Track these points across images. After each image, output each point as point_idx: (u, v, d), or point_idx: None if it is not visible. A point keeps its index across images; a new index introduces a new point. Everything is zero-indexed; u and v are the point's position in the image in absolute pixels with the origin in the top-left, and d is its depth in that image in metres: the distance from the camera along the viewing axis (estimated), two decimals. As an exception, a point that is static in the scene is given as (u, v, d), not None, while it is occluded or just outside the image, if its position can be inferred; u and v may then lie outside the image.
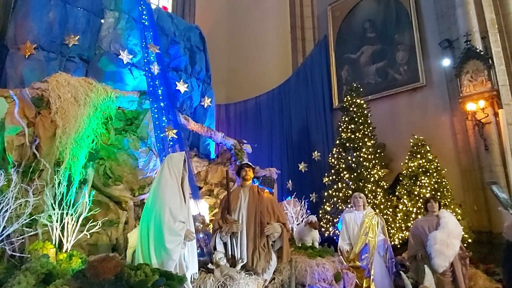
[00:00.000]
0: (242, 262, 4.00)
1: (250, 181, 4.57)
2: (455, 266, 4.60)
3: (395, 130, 8.30)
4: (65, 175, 4.15)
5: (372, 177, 7.32)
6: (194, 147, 7.63)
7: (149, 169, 5.84)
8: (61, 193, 3.93)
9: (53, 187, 4.01)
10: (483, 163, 6.60)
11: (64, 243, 3.78)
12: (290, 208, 6.12)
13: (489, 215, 6.48)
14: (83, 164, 4.60)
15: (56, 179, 4.00)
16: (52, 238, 3.77)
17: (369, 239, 5.31)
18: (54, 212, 3.80)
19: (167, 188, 3.62)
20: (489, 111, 6.57)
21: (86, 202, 4.09)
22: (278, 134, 10.03)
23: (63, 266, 3.50)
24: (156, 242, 3.44)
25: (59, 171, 4.19)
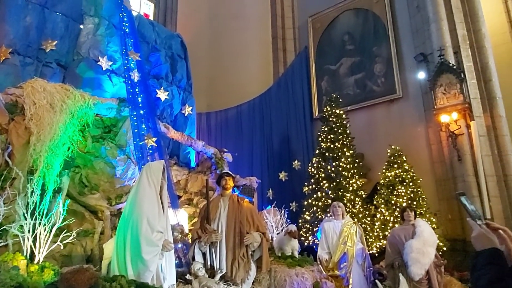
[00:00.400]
0: (221, 273, 3.96)
1: (230, 190, 4.55)
2: (430, 274, 4.69)
3: (373, 140, 8.48)
4: (38, 184, 4.02)
5: (350, 187, 7.43)
6: (174, 156, 7.55)
7: (127, 177, 5.73)
8: (33, 202, 3.80)
9: (26, 196, 3.87)
10: (456, 173, 6.82)
11: (36, 254, 3.64)
12: (270, 217, 6.11)
13: (463, 224, 6.68)
14: (58, 173, 4.47)
15: (29, 188, 3.87)
16: (23, 249, 3.62)
17: (347, 248, 5.36)
18: (26, 222, 3.66)
19: (145, 197, 3.56)
20: (461, 123, 6.82)
21: (60, 212, 3.96)
22: (259, 143, 10.07)
23: (34, 278, 3.37)
24: (133, 253, 3.37)
25: (32, 179, 4.06)
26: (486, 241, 1.12)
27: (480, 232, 1.16)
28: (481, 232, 1.15)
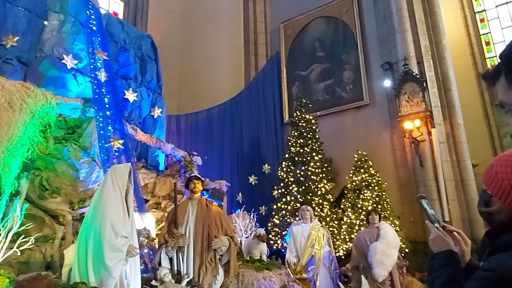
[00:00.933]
0: (188, 278, 3.90)
1: (198, 194, 4.50)
2: (393, 275, 4.85)
3: (341, 145, 8.69)
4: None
5: (319, 191, 7.57)
6: (142, 158, 7.37)
7: (91, 180, 5.54)
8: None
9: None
10: (418, 177, 7.12)
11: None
12: (239, 221, 6.10)
13: (424, 226, 6.95)
14: (16, 175, 4.25)
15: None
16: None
17: (315, 251, 5.43)
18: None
19: (109, 201, 3.46)
20: (423, 130, 7.14)
21: (18, 216, 3.76)
22: (229, 147, 10.06)
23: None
24: (95, 259, 3.25)
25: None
26: (442, 243, 1.17)
27: (437, 235, 1.20)
28: (438, 235, 1.20)
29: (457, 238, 1.23)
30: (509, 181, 0.98)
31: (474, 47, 10.16)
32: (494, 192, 1.03)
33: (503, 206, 1.00)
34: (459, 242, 1.22)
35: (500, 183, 1.01)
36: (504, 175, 1.00)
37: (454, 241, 1.22)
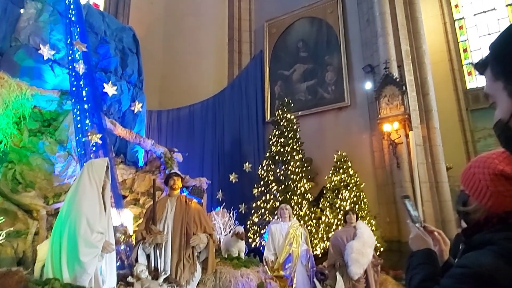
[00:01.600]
0: (165, 275, 3.87)
1: (178, 191, 4.47)
2: (368, 273, 4.97)
3: (322, 145, 8.80)
4: (-38, 179, 3.65)
5: (298, 190, 7.64)
6: (121, 154, 7.23)
7: (67, 175, 5.39)
8: (-45, 199, 3.44)
9: None
10: (395, 179, 7.30)
11: (-44, 257, 3.29)
12: (218, 219, 6.09)
13: (399, 226, 7.16)
14: (-14, 168, 4.09)
15: (-49, 184, 3.49)
16: None
17: (293, 249, 5.49)
18: None
19: (85, 196, 3.39)
20: (401, 132, 7.32)
21: (-13, 211, 3.63)
22: (211, 144, 10.02)
23: (-48, 283, 3.05)
24: (70, 255, 3.18)
25: (-44, 174, 3.67)
26: (421, 242, 1.21)
27: (417, 234, 1.24)
28: (418, 234, 1.24)
29: (437, 238, 1.27)
30: (485, 182, 1.02)
31: (452, 53, 10.48)
32: (471, 192, 1.07)
33: (479, 206, 1.04)
34: (438, 241, 1.26)
35: (477, 184, 1.04)
36: (481, 176, 1.04)
37: (434, 240, 1.26)
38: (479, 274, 0.88)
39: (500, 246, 0.90)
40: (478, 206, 1.05)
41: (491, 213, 1.00)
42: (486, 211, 1.02)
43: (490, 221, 0.99)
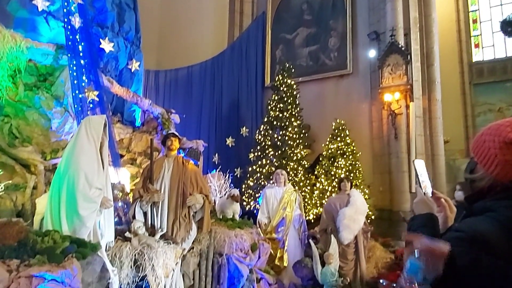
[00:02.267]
0: (161, 232, 3.96)
1: (175, 152, 4.48)
2: (358, 239, 5.13)
3: (320, 113, 8.75)
4: (-42, 131, 3.62)
5: (295, 156, 7.69)
6: (118, 113, 7.17)
7: (64, 131, 5.37)
8: (-48, 150, 3.43)
9: None
10: (391, 149, 7.34)
11: (-45, 206, 3.34)
12: (214, 181, 6.16)
13: (391, 196, 7.30)
14: (-18, 121, 4.05)
15: None
16: None
17: (286, 214, 5.63)
18: None
19: (83, 152, 3.39)
20: (402, 103, 7.26)
21: (-15, 163, 3.63)
22: (208, 107, 9.92)
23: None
24: (69, 209, 3.24)
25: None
26: (424, 206, 1.23)
27: (422, 198, 1.26)
28: (422, 198, 1.25)
29: (444, 205, 1.28)
30: (494, 150, 1.02)
31: (461, 24, 10.19)
32: (479, 159, 1.07)
33: (486, 174, 1.05)
34: (444, 208, 1.27)
35: (486, 151, 1.04)
36: (491, 143, 1.03)
37: (440, 207, 1.27)
38: (474, 239, 0.89)
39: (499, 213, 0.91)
40: (485, 174, 1.05)
41: (496, 181, 1.01)
42: (492, 179, 1.03)
43: (493, 189, 1.00)
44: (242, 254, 4.37)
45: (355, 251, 5.13)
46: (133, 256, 3.52)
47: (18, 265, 2.52)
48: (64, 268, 2.63)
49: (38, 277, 2.49)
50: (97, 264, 3.11)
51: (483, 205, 0.97)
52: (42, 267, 2.54)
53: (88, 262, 3.00)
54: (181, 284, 3.95)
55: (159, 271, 3.49)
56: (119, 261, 3.47)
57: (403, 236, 6.63)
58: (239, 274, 4.22)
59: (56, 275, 2.55)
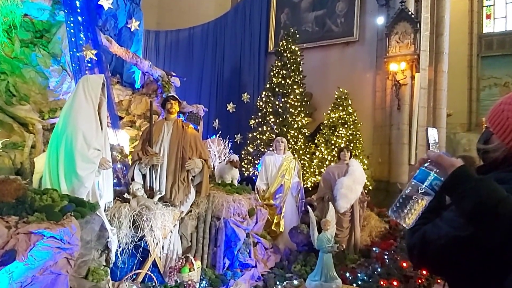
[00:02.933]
0: (160, 194, 3.99)
1: (175, 115, 4.43)
2: (354, 208, 5.20)
3: (323, 81, 8.59)
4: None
5: (296, 124, 7.63)
6: (117, 74, 7.03)
7: (62, 91, 5.28)
8: None
9: None
10: (393, 120, 7.27)
11: (-47, 162, 3.32)
12: (213, 147, 6.15)
13: (390, 167, 7.32)
14: (-23, 76, 3.95)
15: None
16: None
17: (284, 181, 5.67)
18: None
19: (81, 112, 3.34)
20: (407, 73, 7.10)
21: (-19, 120, 3.58)
22: (209, 71, 9.72)
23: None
24: (67, 168, 3.23)
25: None
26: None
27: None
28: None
29: None
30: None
31: (474, -9, 9.78)
32: (496, 129, 1.03)
33: (501, 145, 1.01)
34: None
35: (504, 121, 1.01)
36: (510, 113, 0.99)
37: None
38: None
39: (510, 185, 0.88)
40: (500, 144, 1.01)
41: (511, 153, 0.97)
42: (507, 150, 0.99)
43: (508, 160, 0.97)
44: (239, 219, 4.43)
45: (350, 220, 5.21)
46: (132, 217, 3.56)
47: (16, 222, 2.53)
48: (63, 226, 2.65)
49: (37, 234, 2.51)
50: (96, 224, 3.15)
51: (495, 177, 0.94)
52: (41, 224, 2.56)
53: (87, 221, 3.03)
54: (179, 246, 4.03)
55: (157, 232, 3.54)
56: (118, 222, 3.51)
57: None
58: (236, 237, 4.30)
59: (55, 233, 2.58)
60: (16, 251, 2.41)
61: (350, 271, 3.55)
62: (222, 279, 4.02)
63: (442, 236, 0.95)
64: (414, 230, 1.04)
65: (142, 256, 3.61)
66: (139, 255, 3.58)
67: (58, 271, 2.61)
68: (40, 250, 2.49)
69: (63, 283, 2.64)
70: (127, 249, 3.48)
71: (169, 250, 3.88)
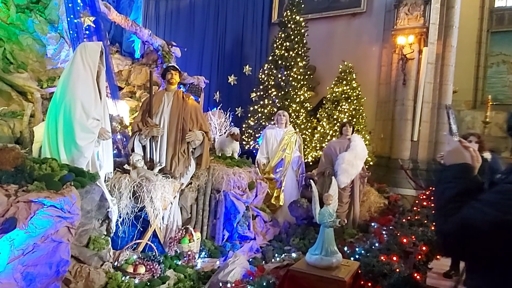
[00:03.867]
0: (160, 166, 3.98)
1: (175, 86, 4.35)
2: (354, 183, 5.20)
3: (328, 54, 8.38)
4: None
5: (298, 98, 7.52)
6: (116, 43, 6.89)
7: (60, 59, 5.18)
8: None
9: None
10: (398, 96, 7.14)
11: (-50, 130, 3.29)
12: (214, 119, 6.09)
13: (392, 143, 7.27)
14: (-28, 41, 3.84)
15: None
16: None
17: (285, 155, 5.64)
18: None
19: (79, 80, 3.27)
20: (415, 47, 6.89)
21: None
22: (211, 42, 9.47)
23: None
24: (66, 138, 3.20)
25: None
26: (459, 156, 1.13)
27: (457, 147, 1.15)
28: (458, 148, 1.15)
29: (472, 155, 1.18)
30: None
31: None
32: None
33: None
34: (472, 158, 1.18)
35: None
36: None
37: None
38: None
39: None
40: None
41: None
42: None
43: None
44: (239, 192, 4.44)
45: (350, 195, 5.22)
46: (132, 188, 3.56)
47: (16, 190, 2.52)
48: (63, 195, 2.65)
49: (37, 203, 2.51)
50: (96, 193, 3.15)
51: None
52: (41, 193, 2.55)
53: (87, 191, 3.03)
54: (179, 217, 4.06)
55: (157, 203, 3.55)
56: (118, 192, 3.52)
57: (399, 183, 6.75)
58: (235, 210, 4.33)
59: (55, 202, 2.57)
60: (16, 219, 2.41)
61: (348, 245, 3.58)
62: (221, 250, 4.08)
63: (488, 220, 0.89)
64: (446, 215, 0.98)
65: (142, 226, 3.64)
66: (139, 226, 3.61)
67: (59, 239, 2.63)
68: (41, 219, 2.50)
69: (64, 251, 2.66)
70: (128, 220, 3.50)
71: (169, 221, 3.91)
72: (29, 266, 2.47)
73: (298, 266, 2.04)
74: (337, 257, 1.98)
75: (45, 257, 2.55)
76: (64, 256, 2.65)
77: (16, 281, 2.40)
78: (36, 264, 2.51)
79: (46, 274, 2.54)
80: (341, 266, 2.00)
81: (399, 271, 1.87)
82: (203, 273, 3.45)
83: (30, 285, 2.46)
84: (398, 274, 1.79)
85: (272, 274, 2.75)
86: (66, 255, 2.67)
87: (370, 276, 2.01)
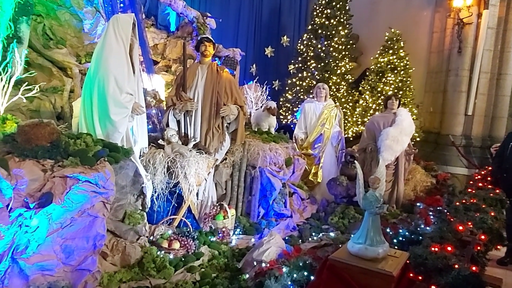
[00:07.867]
0: (194, 141, 3.92)
1: (209, 58, 4.20)
2: (399, 160, 4.86)
3: (372, 21, 7.78)
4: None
5: (339, 70, 7.11)
6: (152, 16, 6.78)
7: (96, 33, 5.17)
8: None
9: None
10: (451, 65, 6.49)
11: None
12: (250, 93, 5.90)
13: (442, 118, 6.70)
14: (11, 17, 3.87)
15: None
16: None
17: (324, 130, 5.39)
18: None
19: (111, 54, 3.20)
20: (474, 10, 6.14)
21: (18, 62, 3.55)
22: (247, 12, 9.10)
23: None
24: (101, 113, 3.19)
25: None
26: None
27: None
28: None
29: None
30: None
31: None
32: None
33: None
34: None
35: None
36: None
37: None
38: None
39: None
40: None
41: None
42: None
43: None
44: (275, 168, 4.29)
45: (394, 173, 4.90)
46: (166, 164, 3.53)
47: (52, 166, 2.53)
48: (97, 171, 2.64)
49: (72, 178, 2.52)
50: (130, 169, 3.13)
51: None
52: (76, 168, 2.56)
53: (121, 166, 3.02)
54: (213, 193, 4.01)
55: (191, 179, 3.49)
56: (153, 167, 3.49)
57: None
58: (271, 187, 4.20)
59: (90, 177, 2.57)
60: (52, 194, 2.44)
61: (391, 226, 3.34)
62: (257, 227, 3.99)
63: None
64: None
65: (177, 202, 3.62)
66: (174, 201, 3.60)
67: (95, 214, 2.65)
68: (76, 194, 2.51)
69: (100, 225, 2.69)
70: (163, 195, 3.49)
71: (203, 197, 3.87)
72: (67, 239, 2.51)
73: (339, 256, 1.85)
74: (384, 247, 1.77)
75: (82, 231, 2.59)
76: (100, 231, 2.67)
77: (56, 253, 2.46)
78: (74, 237, 2.55)
79: (83, 247, 2.58)
80: (388, 258, 1.79)
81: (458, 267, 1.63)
82: (237, 250, 3.40)
83: (69, 258, 2.51)
84: (457, 271, 1.56)
85: (309, 254, 2.60)
86: (102, 230, 2.69)
87: (422, 270, 1.79)
